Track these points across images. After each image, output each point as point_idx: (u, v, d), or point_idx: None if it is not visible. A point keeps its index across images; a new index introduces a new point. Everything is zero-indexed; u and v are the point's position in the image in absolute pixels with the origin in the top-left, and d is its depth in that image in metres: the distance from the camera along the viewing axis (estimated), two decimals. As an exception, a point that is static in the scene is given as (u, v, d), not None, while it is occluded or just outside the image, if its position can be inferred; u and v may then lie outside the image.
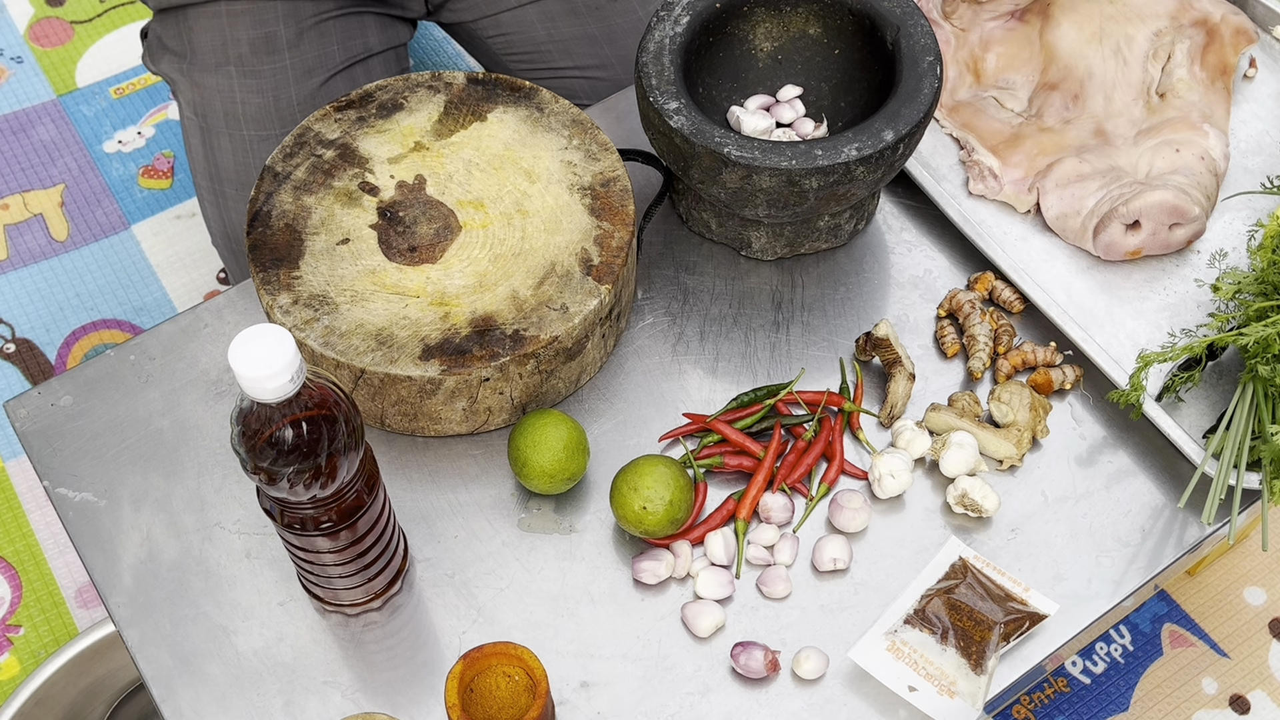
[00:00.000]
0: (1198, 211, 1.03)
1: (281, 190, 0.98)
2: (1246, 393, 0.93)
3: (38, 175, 1.90)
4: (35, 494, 1.62)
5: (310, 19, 1.25)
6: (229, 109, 1.26)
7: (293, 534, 0.80)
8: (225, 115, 1.26)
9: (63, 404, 0.98)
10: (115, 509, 0.94)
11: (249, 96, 1.25)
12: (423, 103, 1.04)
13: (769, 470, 0.93)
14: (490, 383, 0.91)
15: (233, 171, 1.28)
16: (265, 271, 0.94)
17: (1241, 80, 1.18)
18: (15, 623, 1.53)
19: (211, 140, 1.28)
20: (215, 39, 1.24)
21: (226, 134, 1.27)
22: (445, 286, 0.94)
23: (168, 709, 0.86)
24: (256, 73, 1.24)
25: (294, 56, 1.24)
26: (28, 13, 2.09)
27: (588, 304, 0.93)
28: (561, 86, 1.39)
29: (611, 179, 0.99)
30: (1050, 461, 0.96)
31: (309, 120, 1.02)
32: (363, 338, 0.91)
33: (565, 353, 0.94)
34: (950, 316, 1.03)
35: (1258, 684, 1.49)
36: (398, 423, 0.95)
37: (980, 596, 0.87)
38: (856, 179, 0.95)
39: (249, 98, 1.25)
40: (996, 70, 1.15)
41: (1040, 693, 1.48)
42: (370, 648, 0.88)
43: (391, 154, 1.01)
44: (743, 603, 0.90)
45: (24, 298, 1.78)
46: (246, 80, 1.24)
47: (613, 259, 0.95)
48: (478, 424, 0.95)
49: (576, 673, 0.87)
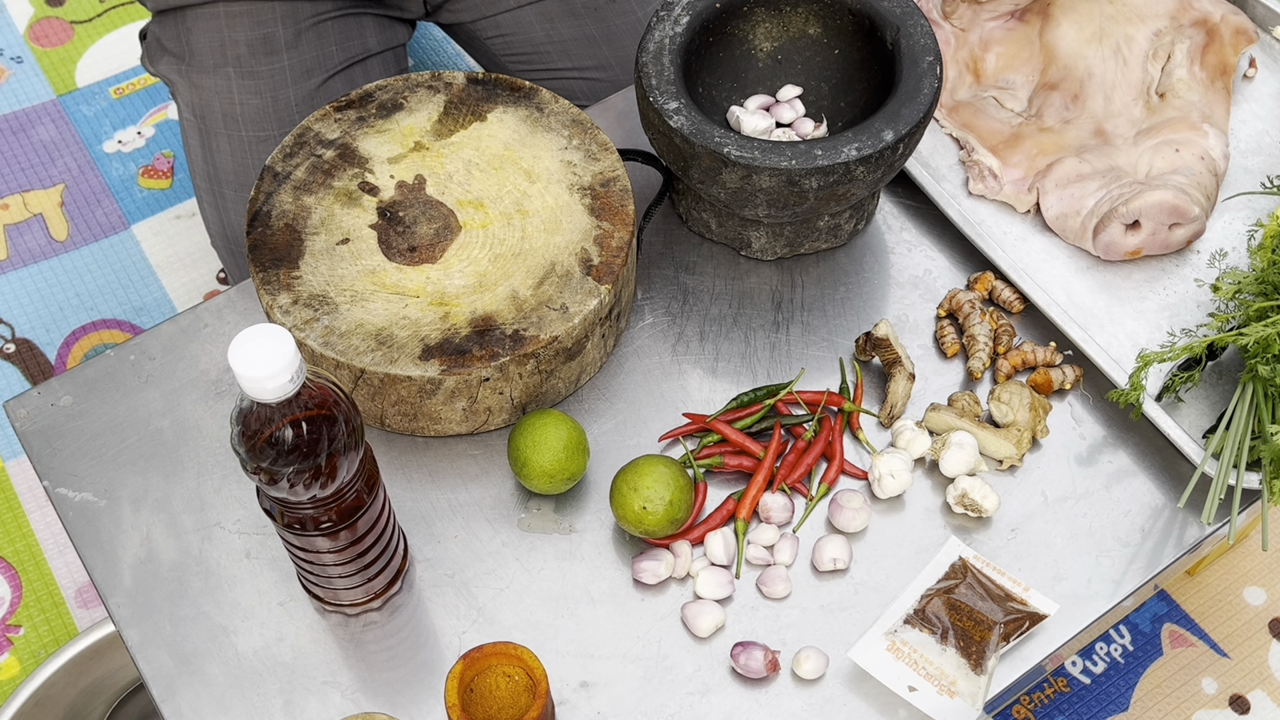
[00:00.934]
0: (1197, 211, 1.03)
1: (281, 190, 0.98)
2: (1246, 393, 0.94)
3: (38, 175, 1.90)
4: (35, 494, 1.62)
5: (308, 20, 1.25)
6: (227, 110, 1.26)
7: (293, 534, 0.80)
8: (224, 116, 1.26)
9: (63, 404, 0.98)
10: (115, 509, 0.94)
11: (247, 98, 1.25)
12: (422, 103, 1.04)
13: (769, 470, 0.93)
14: (490, 383, 0.91)
15: (231, 173, 1.28)
16: (265, 271, 0.94)
17: (1241, 80, 1.18)
18: (15, 623, 1.53)
19: (210, 141, 1.28)
20: (213, 40, 1.24)
21: (225, 135, 1.27)
22: (445, 286, 0.94)
23: (168, 709, 0.86)
24: (255, 74, 1.24)
25: (292, 57, 1.24)
26: (28, 13, 2.09)
27: (588, 304, 0.93)
28: (560, 87, 1.39)
29: (611, 179, 0.99)
30: (1050, 461, 0.96)
31: (309, 120, 1.02)
32: (362, 338, 0.91)
33: (565, 353, 0.94)
34: (950, 316, 1.03)
35: (1258, 684, 1.49)
36: (398, 423, 0.95)
37: (980, 596, 0.87)
38: (856, 179, 0.95)
39: (247, 99, 1.25)
40: (996, 70, 1.15)
41: (1040, 693, 1.48)
42: (370, 648, 0.88)
43: (391, 154, 1.01)
44: (743, 603, 0.90)
45: (24, 298, 1.78)
46: (245, 81, 1.24)
47: (613, 259, 0.95)
48: (478, 424, 0.95)
49: (576, 673, 0.87)
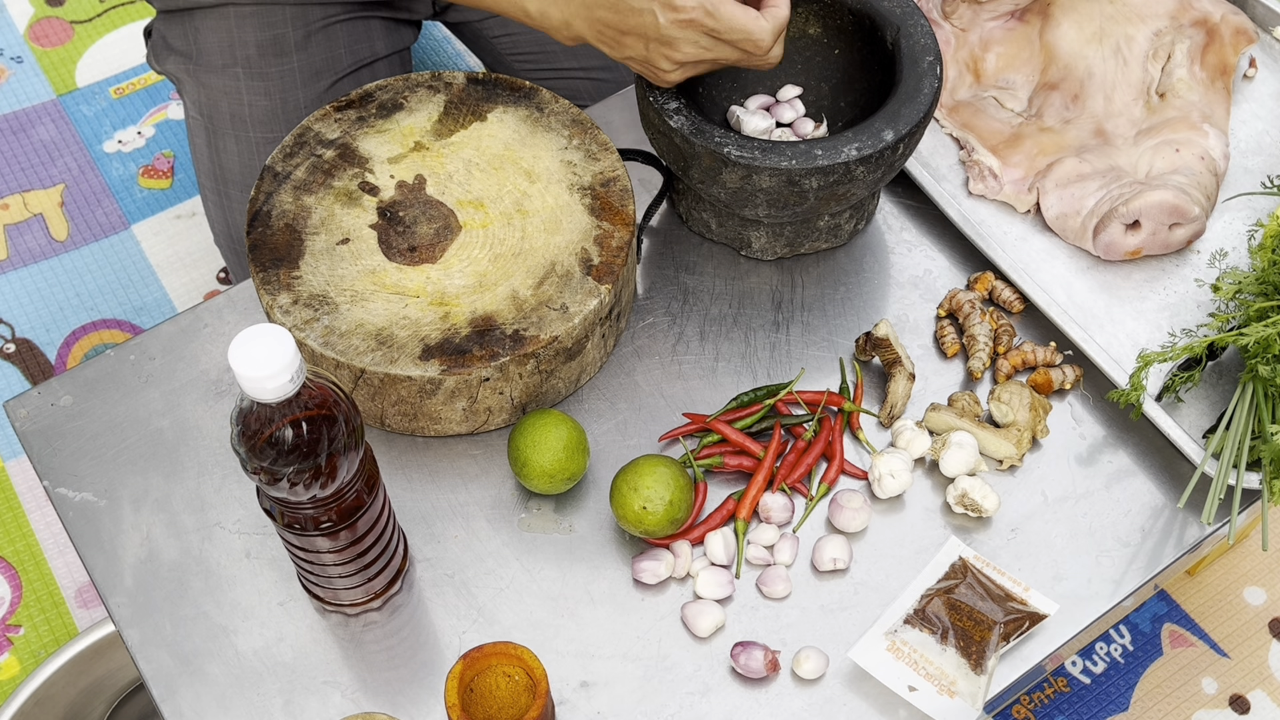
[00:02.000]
0: (1197, 211, 1.03)
1: (281, 190, 0.98)
2: (1246, 392, 0.94)
3: (38, 175, 1.90)
4: (35, 494, 1.62)
5: (318, 22, 1.25)
6: (235, 110, 1.26)
7: (293, 534, 0.80)
8: (231, 116, 1.26)
9: (63, 404, 0.98)
10: (115, 509, 0.94)
11: (256, 99, 1.25)
12: (423, 102, 1.03)
13: (769, 470, 0.93)
14: (490, 383, 0.91)
15: (237, 173, 1.28)
16: (265, 271, 0.94)
17: (1241, 80, 1.18)
18: (15, 623, 1.53)
19: (217, 141, 1.28)
20: (222, 40, 1.24)
21: (232, 135, 1.27)
22: (445, 286, 0.94)
23: (168, 709, 0.86)
24: (264, 75, 1.24)
25: (301, 59, 1.24)
26: (28, 12, 2.09)
27: (588, 304, 0.93)
28: (566, 87, 1.39)
29: (611, 179, 0.99)
30: (1050, 461, 0.96)
31: (309, 120, 1.02)
32: (363, 338, 0.91)
33: (565, 353, 0.94)
34: (950, 316, 1.03)
35: (1258, 684, 1.49)
36: (398, 423, 0.95)
37: (980, 596, 0.87)
38: (856, 179, 0.95)
39: (256, 100, 1.25)
40: (996, 70, 1.15)
41: (1040, 693, 1.48)
42: (370, 648, 0.88)
43: (391, 154, 1.01)
44: (743, 603, 0.90)
45: (24, 298, 1.78)
46: (253, 82, 1.24)
47: (613, 259, 0.95)
48: (478, 424, 0.95)
49: (576, 673, 0.87)
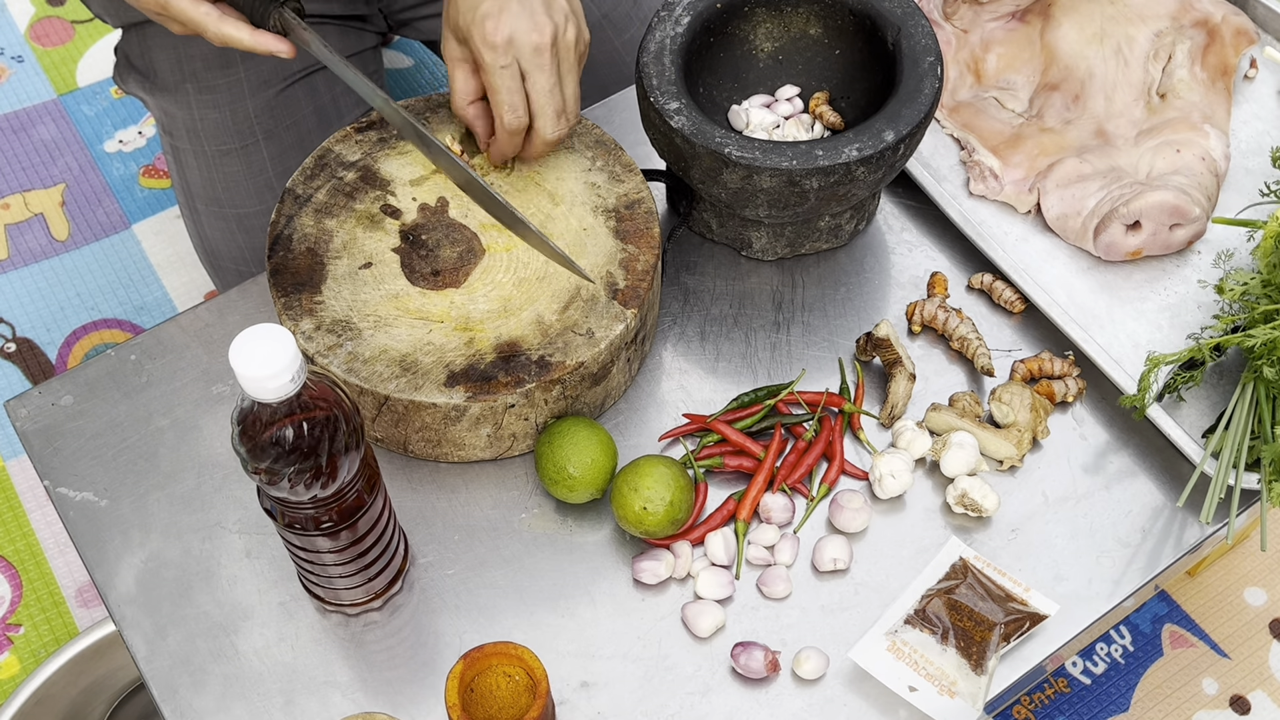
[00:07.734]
0: (1198, 212, 1.03)
1: (302, 213, 0.96)
2: (1246, 392, 0.93)
3: (38, 175, 1.90)
4: (35, 493, 1.62)
5: None
6: (190, 125, 1.25)
7: (293, 534, 0.80)
8: (188, 132, 1.26)
9: (63, 404, 0.98)
10: (115, 509, 0.94)
11: (206, 112, 1.24)
12: (445, 124, 1.02)
13: (769, 470, 0.93)
14: (515, 409, 0.90)
15: (200, 187, 1.28)
16: (287, 296, 0.92)
17: (1242, 81, 1.18)
18: (15, 622, 1.53)
19: (180, 158, 1.28)
20: (171, 56, 1.23)
21: (191, 150, 1.26)
22: (469, 311, 0.92)
23: (168, 709, 0.86)
24: (212, 88, 1.23)
25: (248, 69, 1.23)
26: (28, 12, 2.09)
27: (614, 329, 0.91)
28: None
29: (636, 201, 0.98)
30: (1050, 462, 0.96)
31: (329, 142, 1.00)
32: (387, 364, 0.89)
33: (591, 378, 0.92)
34: (927, 329, 1.02)
35: (1258, 684, 1.49)
36: (421, 449, 0.94)
37: (980, 597, 0.87)
38: (857, 179, 0.95)
39: (207, 113, 1.24)
40: (997, 71, 1.15)
41: (1040, 693, 1.48)
42: (370, 648, 0.88)
43: (413, 176, 0.99)
44: (743, 603, 0.90)
45: (24, 297, 1.78)
46: (203, 96, 1.24)
47: (638, 283, 0.93)
48: (501, 450, 0.94)
49: (576, 673, 0.87)
